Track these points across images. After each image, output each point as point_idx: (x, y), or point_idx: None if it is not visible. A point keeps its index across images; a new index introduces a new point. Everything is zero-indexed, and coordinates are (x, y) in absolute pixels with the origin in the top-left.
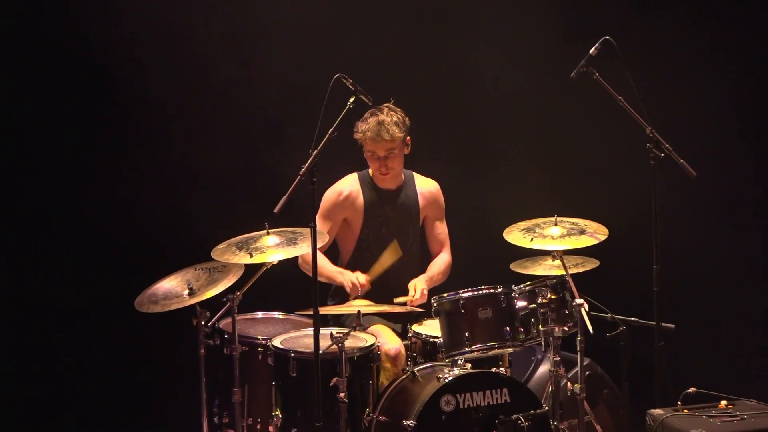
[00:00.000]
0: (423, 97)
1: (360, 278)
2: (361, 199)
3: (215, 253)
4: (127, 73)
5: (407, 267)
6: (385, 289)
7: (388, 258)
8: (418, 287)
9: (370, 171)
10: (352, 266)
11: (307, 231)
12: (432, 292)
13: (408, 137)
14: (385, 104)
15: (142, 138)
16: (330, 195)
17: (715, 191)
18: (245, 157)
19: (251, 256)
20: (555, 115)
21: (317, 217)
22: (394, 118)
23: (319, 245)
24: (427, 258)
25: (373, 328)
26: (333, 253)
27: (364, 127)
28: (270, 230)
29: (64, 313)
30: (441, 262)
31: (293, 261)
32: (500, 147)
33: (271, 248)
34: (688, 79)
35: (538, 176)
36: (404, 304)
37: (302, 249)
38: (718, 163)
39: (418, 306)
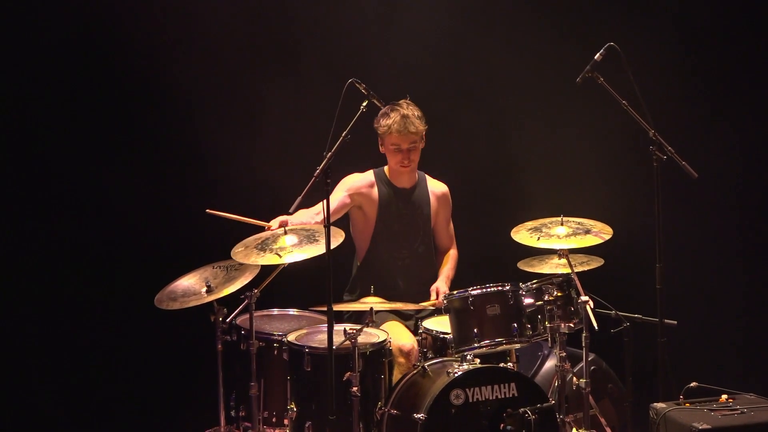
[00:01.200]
0: (431, 96)
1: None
2: (376, 193)
3: (237, 255)
4: (149, 69)
5: (415, 264)
6: (397, 287)
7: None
8: (441, 290)
9: (386, 169)
10: (368, 262)
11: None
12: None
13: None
14: (402, 100)
15: (162, 135)
16: (352, 176)
17: (716, 190)
18: (261, 158)
19: (280, 256)
20: (562, 118)
21: (332, 194)
22: (416, 112)
23: (321, 216)
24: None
25: (387, 325)
26: (350, 248)
27: (388, 121)
28: (287, 228)
29: (84, 310)
30: (452, 259)
31: (309, 259)
32: (509, 149)
33: (294, 247)
34: (688, 81)
35: (545, 177)
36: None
37: (315, 250)
38: (718, 162)
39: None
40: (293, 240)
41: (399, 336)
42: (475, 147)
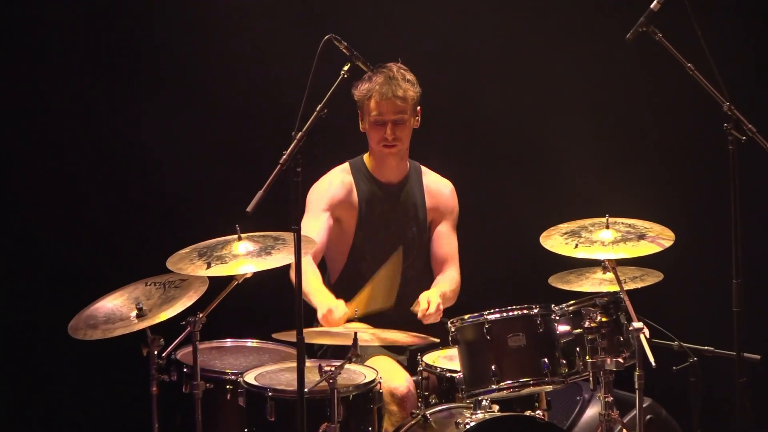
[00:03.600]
0: (440, 69)
1: (336, 310)
2: (355, 193)
3: (171, 261)
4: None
5: (410, 283)
6: (384, 314)
7: (384, 280)
8: (432, 300)
9: (366, 157)
10: (342, 286)
11: (291, 236)
12: (446, 314)
13: (419, 107)
14: (392, 63)
15: (81, 117)
16: (319, 188)
17: None
18: (215, 143)
19: (209, 266)
20: (602, 95)
21: (304, 218)
22: (407, 76)
23: (307, 252)
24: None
25: (375, 360)
26: (320, 268)
27: (368, 85)
28: (242, 235)
29: None
30: (450, 278)
31: (271, 273)
32: (535, 134)
33: (241, 257)
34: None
35: (584, 168)
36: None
37: (278, 260)
38: None
39: (429, 333)
40: (248, 247)
41: (390, 376)
42: (492, 131)
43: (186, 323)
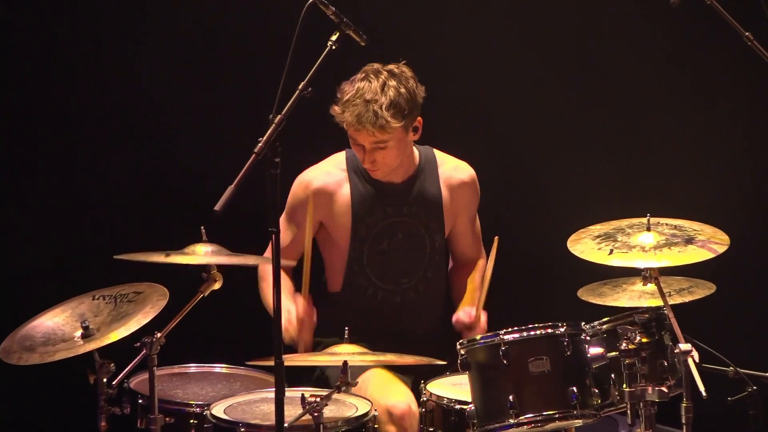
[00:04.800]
0: (456, 51)
1: (294, 313)
2: (346, 194)
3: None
4: None
5: (419, 297)
6: (388, 332)
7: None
8: (472, 316)
9: None
10: (344, 295)
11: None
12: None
13: (417, 120)
14: (390, 65)
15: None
16: (297, 188)
17: None
18: (176, 129)
19: (167, 254)
20: (641, 74)
21: (281, 219)
22: (391, 96)
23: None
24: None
25: (370, 375)
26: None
27: (341, 107)
28: (207, 239)
29: None
30: (482, 270)
31: (244, 284)
32: (558, 119)
33: (203, 254)
34: None
35: (620, 158)
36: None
37: (252, 257)
38: None
39: (433, 354)
40: (208, 248)
41: (387, 392)
42: (515, 120)
43: (141, 345)
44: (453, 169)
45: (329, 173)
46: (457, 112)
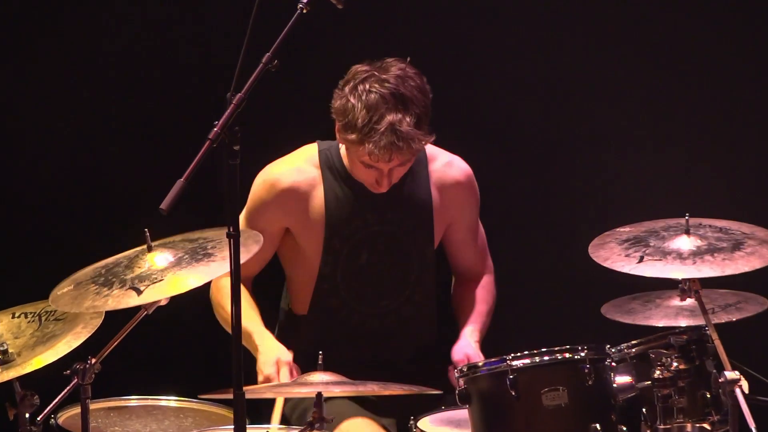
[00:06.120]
0: (463, 33)
1: (284, 367)
2: (319, 197)
3: (61, 302)
4: None
5: (405, 322)
6: (369, 359)
7: None
8: (473, 356)
9: (343, 147)
10: (313, 318)
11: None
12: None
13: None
14: (396, 67)
15: None
16: (261, 186)
17: None
18: (110, 115)
19: (139, 292)
20: (685, 55)
21: (242, 218)
22: (417, 112)
23: (250, 253)
24: (441, 304)
25: (348, 426)
26: (275, 279)
27: (358, 136)
28: (153, 244)
29: None
30: (486, 293)
31: (197, 299)
32: (580, 108)
33: (171, 272)
34: None
35: (652, 149)
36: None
37: (220, 267)
38: None
39: (427, 382)
40: (167, 259)
41: None
42: (530, 109)
43: (72, 372)
44: (445, 166)
45: (300, 170)
46: (463, 103)
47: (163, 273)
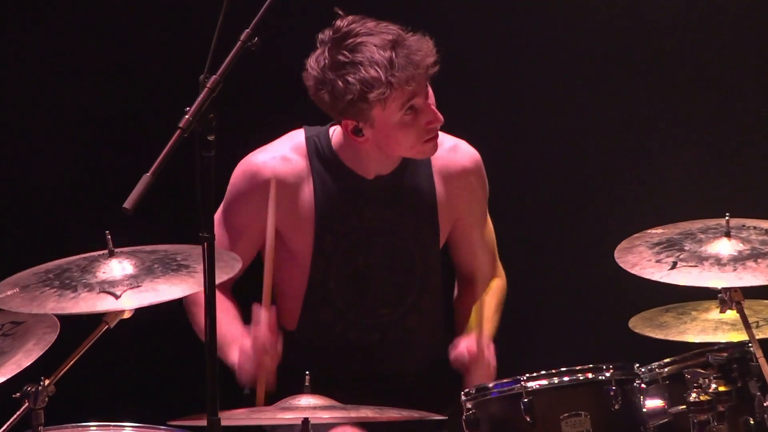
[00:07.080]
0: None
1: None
2: (309, 191)
3: (11, 304)
4: None
5: (408, 332)
6: (365, 379)
7: None
8: (475, 349)
9: (332, 133)
10: (302, 336)
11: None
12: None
13: None
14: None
15: None
16: (242, 177)
17: None
18: (70, 104)
19: (116, 297)
20: (718, 49)
21: (216, 220)
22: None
23: (227, 275)
24: (447, 308)
25: None
26: (254, 288)
27: (380, 81)
28: (115, 249)
29: None
30: (496, 292)
31: (166, 311)
32: (606, 102)
33: (130, 284)
34: None
35: (689, 145)
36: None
37: (193, 285)
38: None
39: (431, 407)
40: (126, 268)
41: None
42: (548, 102)
43: (22, 395)
44: (450, 152)
45: (286, 159)
46: (475, 99)
47: (138, 279)
